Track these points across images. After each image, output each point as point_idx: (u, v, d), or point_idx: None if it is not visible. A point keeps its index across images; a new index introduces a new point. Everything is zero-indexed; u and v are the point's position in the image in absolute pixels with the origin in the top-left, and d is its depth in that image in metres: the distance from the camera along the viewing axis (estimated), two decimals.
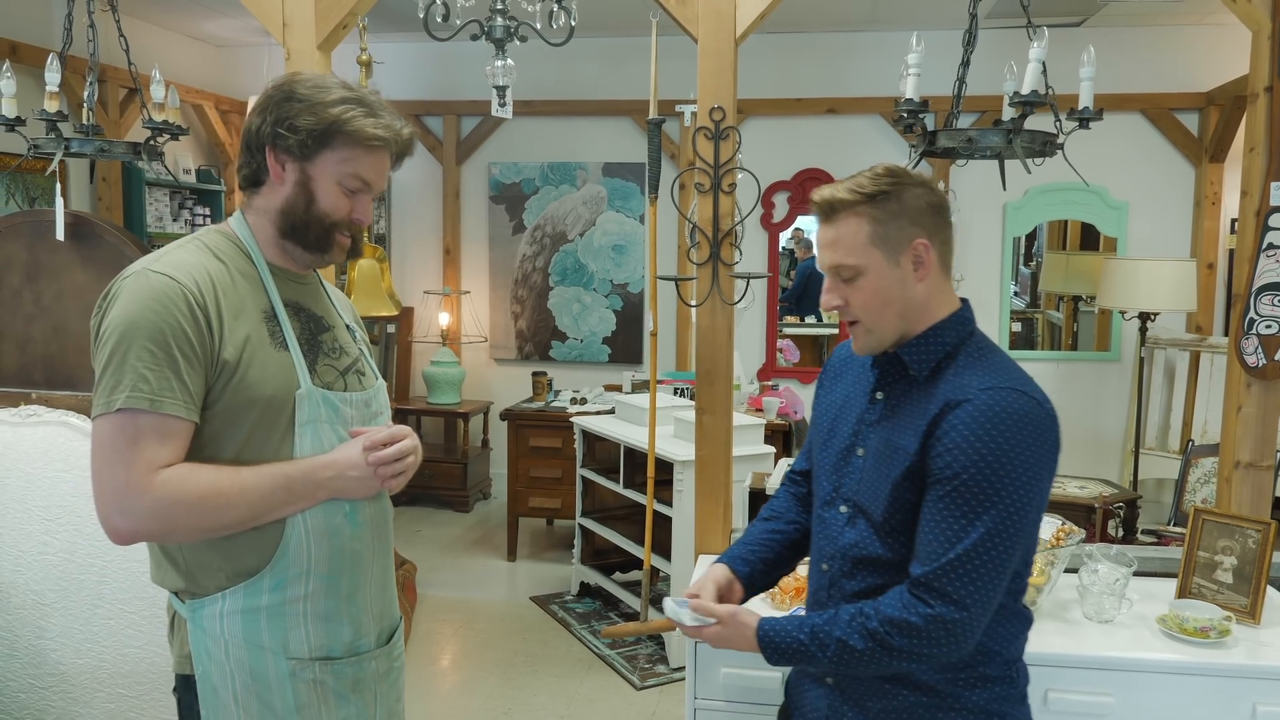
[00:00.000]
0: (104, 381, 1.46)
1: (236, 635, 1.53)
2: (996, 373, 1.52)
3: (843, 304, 1.58)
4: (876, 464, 1.60)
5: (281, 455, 1.54)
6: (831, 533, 1.66)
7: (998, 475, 1.44)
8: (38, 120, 2.85)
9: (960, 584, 1.46)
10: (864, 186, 1.53)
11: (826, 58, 6.13)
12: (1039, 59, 2.32)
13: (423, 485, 6.27)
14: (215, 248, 1.58)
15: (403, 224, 6.80)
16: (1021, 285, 7.04)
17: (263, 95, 1.60)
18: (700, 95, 2.56)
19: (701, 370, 2.69)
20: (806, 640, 1.54)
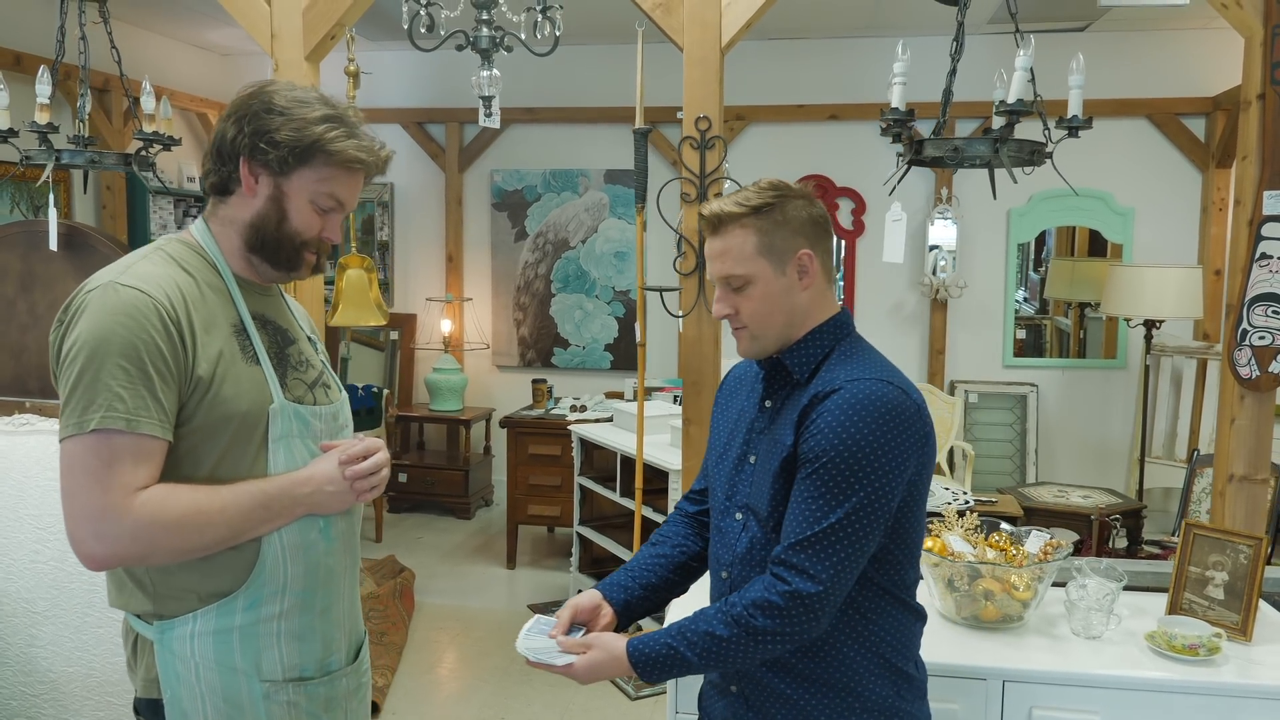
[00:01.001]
0: (74, 401, 1.40)
1: (208, 657, 1.49)
2: (864, 366, 1.59)
3: (733, 312, 1.64)
4: (764, 465, 1.64)
5: (256, 471, 1.51)
6: (729, 540, 1.68)
7: (861, 459, 1.50)
8: (30, 132, 2.86)
9: (816, 560, 1.50)
10: (750, 200, 1.59)
11: (829, 64, 6.10)
12: (1025, 68, 2.30)
13: (425, 492, 6.27)
14: (181, 259, 1.54)
15: (405, 231, 6.81)
16: (1031, 291, 6.99)
17: (238, 103, 1.56)
18: (686, 104, 2.55)
19: (688, 380, 2.67)
20: (674, 642, 1.55)
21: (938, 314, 6.12)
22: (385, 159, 1.61)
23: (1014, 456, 6.09)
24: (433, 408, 6.38)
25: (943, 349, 6.14)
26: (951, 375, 6.18)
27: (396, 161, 7.14)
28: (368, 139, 1.58)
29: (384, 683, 3.91)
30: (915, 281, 6.13)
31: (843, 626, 1.59)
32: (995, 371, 6.18)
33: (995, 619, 2.28)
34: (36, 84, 2.75)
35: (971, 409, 6.10)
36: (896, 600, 1.63)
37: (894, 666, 1.62)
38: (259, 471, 1.51)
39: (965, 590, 2.28)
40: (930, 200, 6.09)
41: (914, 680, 1.67)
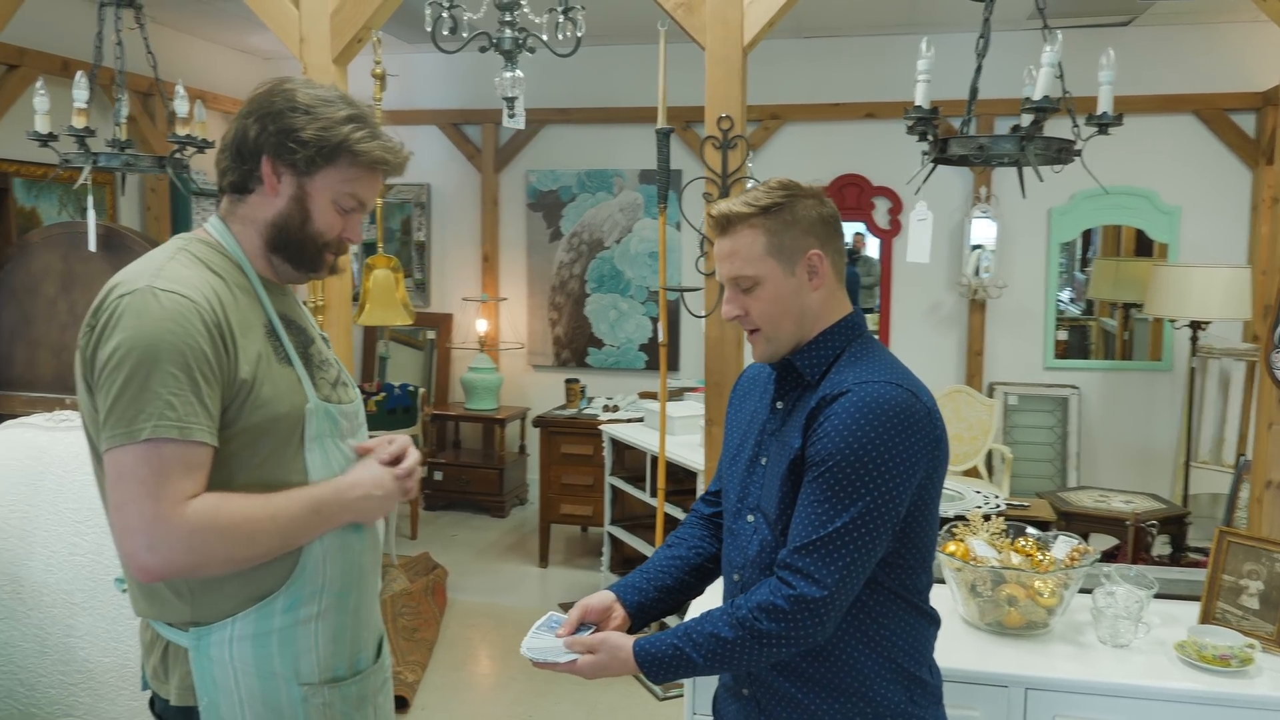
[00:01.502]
0: (120, 408, 1.36)
1: (247, 662, 1.48)
2: (874, 368, 1.57)
3: (743, 313, 1.62)
4: (775, 467, 1.62)
5: (295, 473, 1.50)
6: (741, 542, 1.67)
7: (869, 462, 1.48)
8: (68, 135, 2.92)
9: (821, 564, 1.49)
10: (758, 200, 1.58)
11: (865, 62, 6.05)
12: (1052, 64, 2.25)
13: (460, 490, 6.32)
14: (207, 260, 1.51)
15: (442, 231, 6.86)
16: (1077, 291, 6.87)
17: (258, 100, 1.53)
18: (708, 104, 2.54)
19: (710, 381, 2.66)
20: (680, 643, 1.54)
21: (976, 314, 6.04)
22: (405, 159, 1.60)
23: (1054, 460, 5.99)
24: (468, 407, 6.42)
25: (981, 350, 6.05)
26: (990, 377, 6.09)
27: (434, 162, 7.25)
28: (389, 139, 1.58)
29: (414, 678, 3.94)
30: (953, 281, 6.05)
31: (853, 631, 1.57)
32: (1036, 374, 6.08)
33: (1019, 625, 2.24)
34: (74, 89, 2.81)
35: (1011, 411, 6.01)
36: (908, 604, 1.61)
37: (906, 672, 1.60)
38: (298, 473, 1.51)
39: (988, 596, 2.25)
40: (968, 199, 6.01)
41: (928, 686, 1.64)
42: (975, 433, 5.67)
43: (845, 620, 1.56)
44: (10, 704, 2.80)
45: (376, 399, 6.00)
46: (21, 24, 4.58)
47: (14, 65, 4.70)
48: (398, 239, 6.89)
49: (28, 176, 4.85)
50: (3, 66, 4.70)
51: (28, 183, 4.88)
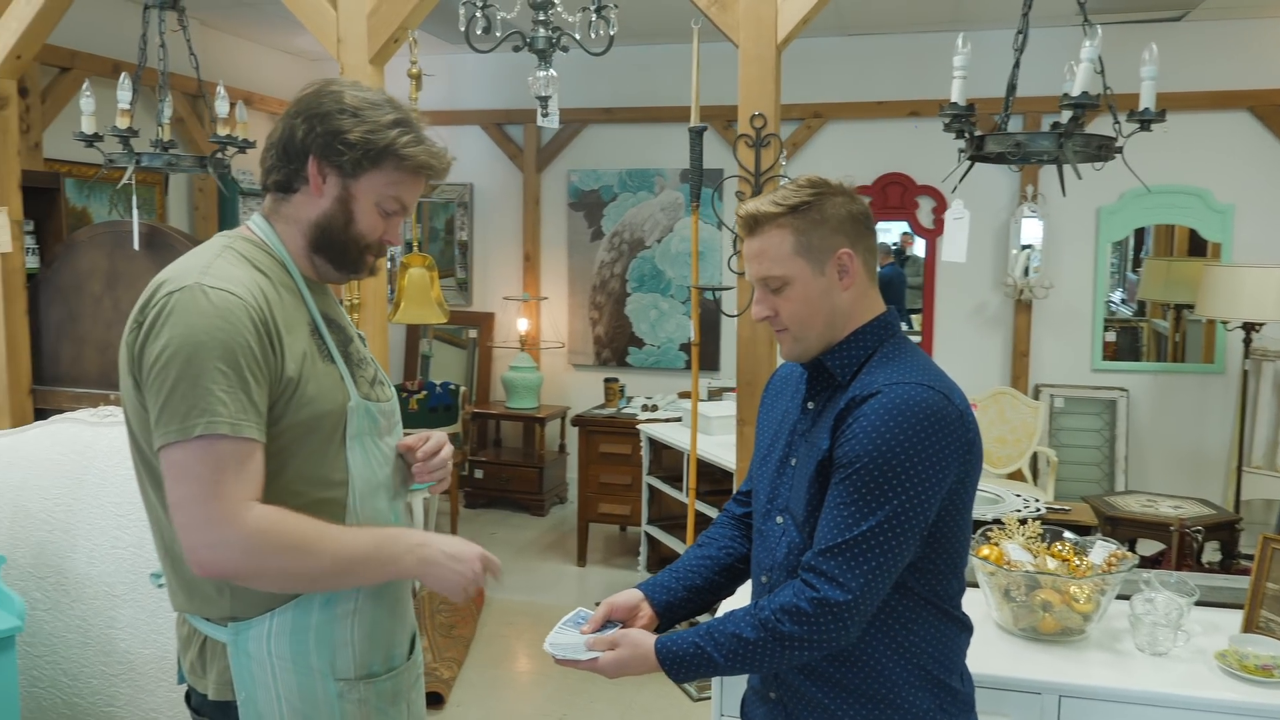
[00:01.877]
0: (172, 406, 1.37)
1: (284, 657, 1.49)
2: (906, 369, 1.54)
3: (772, 314, 1.61)
4: (804, 469, 1.60)
5: (336, 470, 1.51)
6: (770, 544, 1.65)
7: (897, 465, 1.45)
8: (112, 136, 2.99)
9: (846, 568, 1.47)
10: (786, 198, 1.55)
11: (908, 59, 5.98)
12: (1091, 59, 2.21)
13: (500, 488, 6.35)
14: (253, 259, 1.53)
15: (484, 231, 6.91)
16: (1129, 292, 6.73)
17: (306, 100, 1.54)
18: (741, 101, 2.52)
19: (742, 381, 2.65)
20: (702, 642, 1.53)
21: (1022, 315, 5.94)
22: (449, 164, 1.62)
23: (1102, 464, 5.87)
24: (509, 405, 6.45)
25: (1026, 351, 5.96)
26: (1036, 379, 5.99)
27: (476, 162, 7.28)
28: (434, 143, 1.59)
29: (450, 675, 3.97)
30: (998, 281, 5.96)
31: (881, 636, 1.55)
32: (1083, 375, 5.97)
33: (1054, 631, 2.20)
34: (118, 90, 2.87)
35: (1057, 414, 5.90)
36: (938, 610, 1.58)
37: (935, 678, 1.58)
38: (339, 470, 1.51)
39: (1023, 601, 2.21)
40: (1015, 198, 5.92)
41: (958, 694, 1.61)
42: (1019, 435, 5.58)
43: (873, 625, 1.54)
44: (54, 693, 2.86)
45: (418, 397, 6.05)
46: (73, 28, 4.69)
47: (66, 68, 4.81)
48: (441, 238, 6.95)
49: (79, 177, 4.97)
50: (55, 69, 4.82)
51: (79, 183, 5.00)
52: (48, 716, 2.88)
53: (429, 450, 1.65)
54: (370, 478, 1.56)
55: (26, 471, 2.99)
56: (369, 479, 1.56)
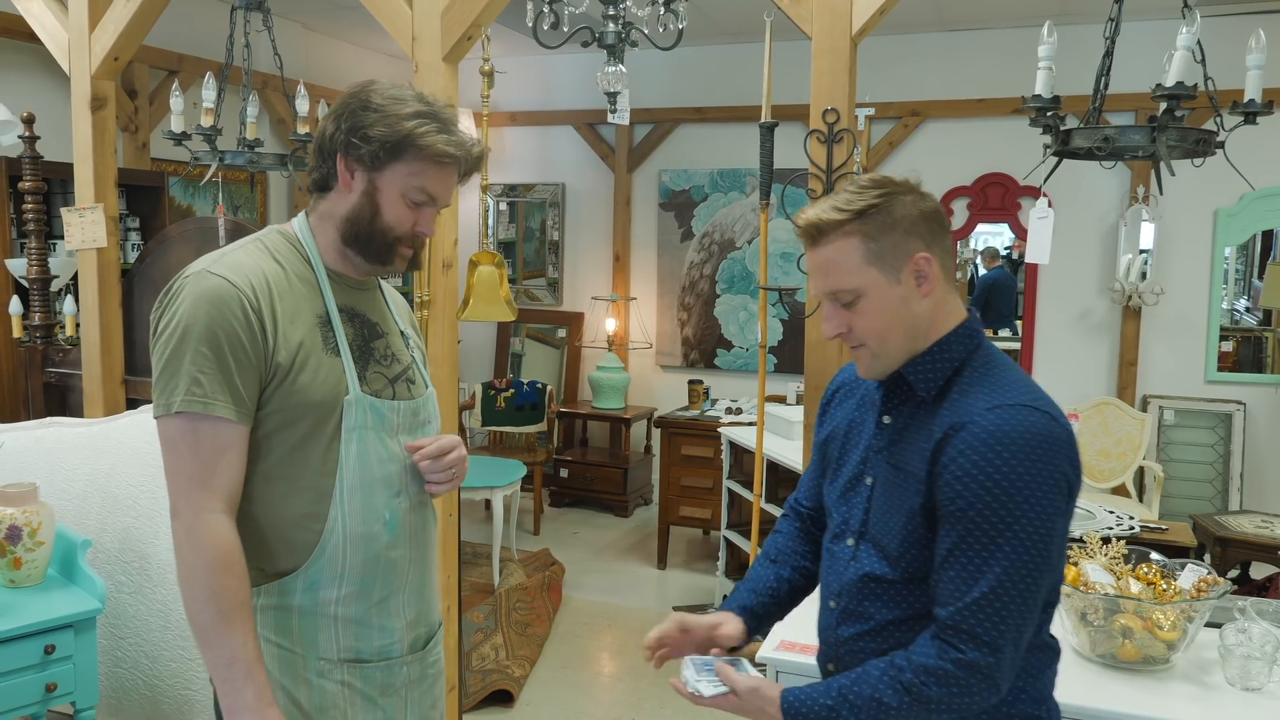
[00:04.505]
0: (161, 381, 1.49)
1: (269, 630, 1.55)
2: (1002, 389, 1.39)
3: (845, 330, 1.47)
4: (886, 493, 1.47)
5: (328, 461, 1.54)
6: (839, 567, 1.55)
7: (1012, 503, 1.32)
8: (197, 134, 3.07)
9: (989, 625, 1.34)
10: (850, 203, 1.41)
11: (1011, 54, 5.74)
12: (1188, 46, 2.06)
13: (585, 488, 6.36)
14: (275, 249, 1.60)
15: (575, 231, 6.93)
16: (1254, 300, 6.35)
17: (339, 102, 1.60)
18: (814, 96, 2.44)
19: (810, 384, 2.56)
20: (835, 703, 1.41)
21: (1130, 322, 5.65)
22: (478, 156, 1.62)
23: (1215, 481, 5.54)
24: (596, 405, 6.45)
25: (1134, 360, 5.66)
26: (1144, 390, 5.69)
27: (568, 162, 7.31)
28: (460, 135, 1.59)
29: (522, 673, 3.97)
30: (1104, 287, 5.68)
31: None
32: (1196, 387, 5.64)
33: (1134, 659, 2.05)
34: (202, 89, 2.96)
35: (1166, 428, 5.59)
36: (1037, 644, 1.46)
37: (1022, 714, 1.45)
38: (331, 461, 1.54)
39: (1101, 625, 2.07)
40: (1124, 199, 5.64)
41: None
42: (1124, 449, 5.31)
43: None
44: (135, 674, 2.95)
45: (505, 395, 6.10)
46: (179, 32, 4.87)
47: (173, 71, 5.00)
48: (535, 238, 7.00)
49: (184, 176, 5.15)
50: (162, 72, 5.02)
51: (184, 182, 5.19)
52: (129, 696, 2.98)
53: (430, 452, 1.64)
54: (365, 472, 1.57)
55: (116, 459, 3.10)
56: (363, 474, 1.57)
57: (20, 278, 3.98)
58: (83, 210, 3.42)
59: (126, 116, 4.86)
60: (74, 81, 3.38)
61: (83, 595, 2.67)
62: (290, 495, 1.54)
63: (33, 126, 3.69)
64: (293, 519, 1.54)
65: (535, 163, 6.96)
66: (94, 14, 3.32)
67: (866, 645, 1.50)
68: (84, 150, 3.42)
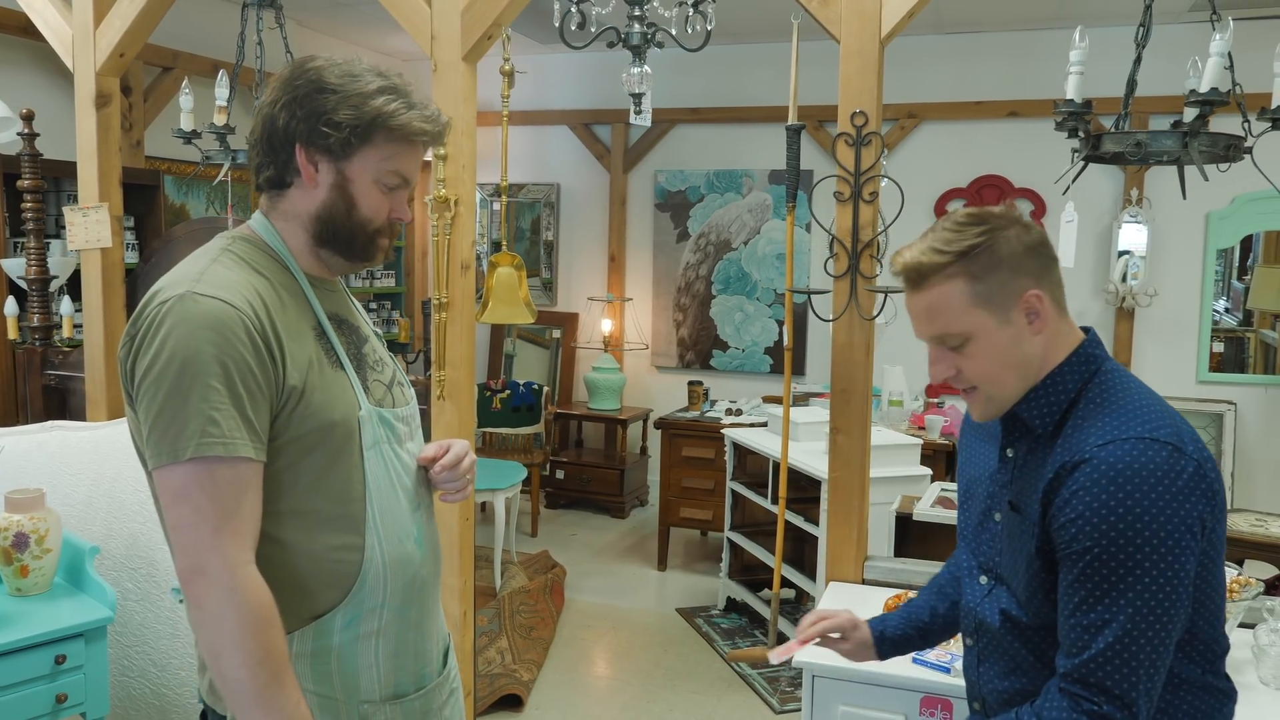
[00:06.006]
0: (162, 425, 1.29)
1: (306, 680, 1.40)
2: (1119, 420, 1.31)
3: (954, 373, 1.41)
4: (1010, 533, 1.44)
5: (354, 483, 1.42)
6: (972, 603, 1.52)
7: (1135, 545, 1.25)
8: (209, 133, 3.03)
9: (1118, 677, 1.27)
10: (950, 243, 1.35)
11: (1009, 57, 5.79)
12: (1221, 53, 2.07)
13: (581, 490, 6.34)
14: (252, 260, 1.42)
15: (570, 231, 6.90)
16: (1234, 301, 6.43)
17: (283, 85, 1.42)
18: (842, 99, 2.44)
19: (837, 388, 2.56)
20: None
21: (1123, 324, 5.71)
22: (446, 126, 1.49)
23: None
24: (591, 406, 6.44)
25: (1128, 361, 5.72)
26: None
27: (563, 162, 7.29)
28: (427, 107, 1.46)
29: (529, 677, 3.95)
30: (1099, 288, 5.73)
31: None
32: (1188, 387, 5.71)
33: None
34: (216, 87, 2.91)
35: None
36: (1202, 687, 1.38)
37: None
38: (357, 485, 1.42)
39: None
40: (1117, 202, 5.69)
41: None
42: None
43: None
44: (143, 683, 2.91)
45: (501, 396, 6.07)
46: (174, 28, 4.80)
47: (167, 68, 4.94)
48: (527, 238, 6.96)
49: (177, 174, 5.09)
50: (157, 69, 4.95)
51: (178, 180, 5.13)
52: (137, 706, 2.93)
53: (448, 462, 1.54)
54: (390, 490, 1.46)
55: (122, 463, 3.05)
56: (389, 491, 1.46)
57: (17, 278, 3.91)
58: (86, 209, 3.36)
59: (121, 114, 4.78)
60: (78, 78, 3.33)
61: (92, 603, 2.61)
62: (323, 527, 1.40)
63: (32, 124, 3.63)
64: (329, 552, 1.40)
65: (529, 162, 6.92)
66: (99, 10, 3.26)
67: (1010, 685, 1.46)
68: (88, 148, 3.36)
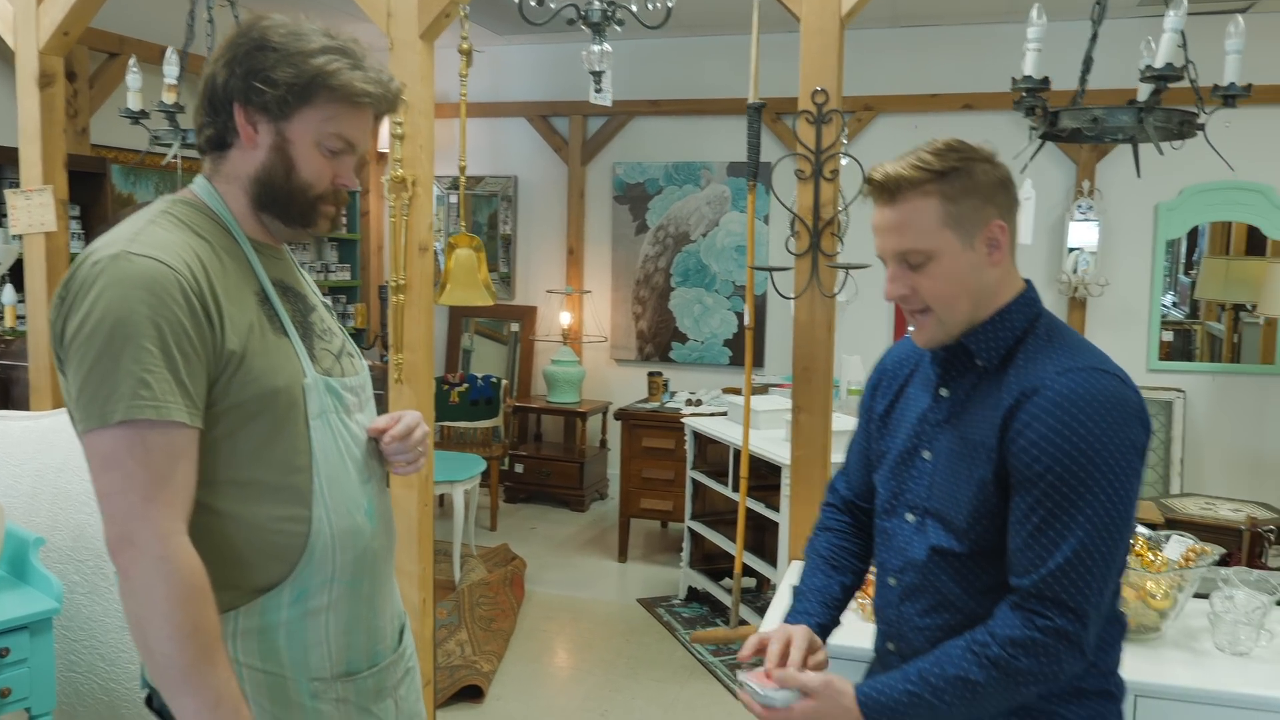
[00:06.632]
0: (91, 388, 1.24)
1: (252, 657, 1.36)
2: (1071, 353, 1.38)
3: (909, 293, 1.43)
4: (951, 465, 1.45)
5: (300, 453, 1.37)
6: (898, 544, 1.52)
7: (1090, 465, 1.30)
8: (158, 112, 2.96)
9: (1074, 590, 1.32)
10: (931, 163, 1.38)
11: (963, 51, 5.85)
12: (1175, 29, 2.10)
13: (540, 483, 6.30)
14: (192, 223, 1.37)
15: (528, 223, 6.87)
16: (1181, 296, 6.56)
17: (227, 43, 1.38)
18: (803, 77, 2.44)
19: (799, 367, 2.56)
20: (918, 689, 1.36)
21: (1076, 313, 5.79)
22: (396, 93, 1.45)
23: (1157, 466, 5.70)
24: (550, 399, 6.40)
25: None
26: None
27: (521, 154, 7.26)
28: (375, 70, 1.41)
29: (490, 668, 3.91)
30: (1052, 278, 5.81)
31: None
32: (1139, 376, 5.80)
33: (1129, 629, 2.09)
34: (164, 65, 2.85)
35: None
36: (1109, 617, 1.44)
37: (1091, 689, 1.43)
38: (303, 455, 1.37)
39: None
40: (1069, 194, 5.77)
41: (1115, 697, 1.48)
42: None
43: None
44: (91, 678, 2.83)
45: (459, 390, 6.02)
46: (121, 13, 4.70)
47: (114, 54, 4.83)
48: (485, 233, 6.91)
49: (125, 163, 4.98)
50: (103, 55, 4.84)
51: (125, 169, 5.02)
52: (84, 701, 2.85)
53: (398, 433, 1.50)
54: (338, 460, 1.42)
55: (67, 453, 2.96)
56: (337, 462, 1.42)
57: None
58: (29, 192, 3.27)
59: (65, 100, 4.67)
60: (19, 57, 3.24)
61: (37, 595, 2.54)
62: (266, 498, 1.36)
63: None
64: (272, 524, 1.36)
65: (486, 155, 6.87)
66: None
67: (932, 621, 1.47)
68: (30, 129, 3.27)
